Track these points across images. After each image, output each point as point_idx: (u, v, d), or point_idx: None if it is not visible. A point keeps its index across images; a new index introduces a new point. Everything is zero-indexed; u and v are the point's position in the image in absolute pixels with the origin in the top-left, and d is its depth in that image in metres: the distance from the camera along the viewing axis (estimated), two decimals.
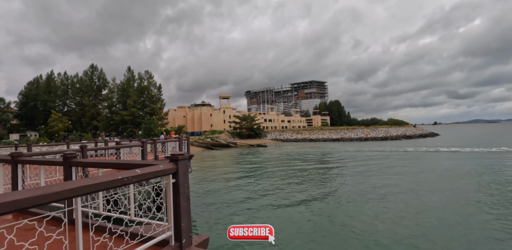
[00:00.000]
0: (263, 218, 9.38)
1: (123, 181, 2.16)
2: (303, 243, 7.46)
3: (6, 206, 1.48)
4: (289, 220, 9.18)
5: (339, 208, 10.45)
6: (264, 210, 10.33)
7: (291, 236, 7.85)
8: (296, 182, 15.63)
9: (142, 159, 9.04)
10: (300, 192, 13.08)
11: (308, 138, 70.59)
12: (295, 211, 10.14)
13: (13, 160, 4.43)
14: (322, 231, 8.24)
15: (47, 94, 66.99)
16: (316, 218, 9.41)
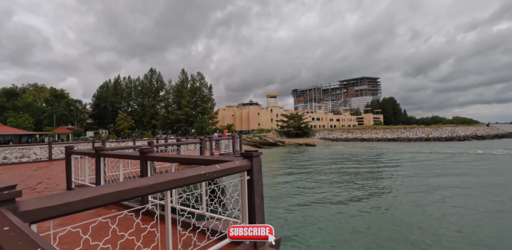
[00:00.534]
0: (317, 217, 9.03)
1: (205, 176, 2.14)
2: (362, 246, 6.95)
3: (111, 196, 1.53)
4: (344, 220, 8.68)
5: (398, 213, 9.53)
6: (318, 209, 9.95)
7: (348, 236, 7.38)
8: (349, 183, 14.80)
9: (200, 153, 9.43)
10: (354, 193, 12.33)
11: (360, 138, 66.80)
12: (349, 212, 9.56)
13: (97, 153, 4.92)
14: (379, 234, 7.58)
15: (114, 96, 75.22)
16: (371, 219, 8.71)
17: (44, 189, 6.02)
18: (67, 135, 57.48)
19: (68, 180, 5.85)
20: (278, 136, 69.51)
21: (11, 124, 53.94)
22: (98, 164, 4.91)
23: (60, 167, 10.63)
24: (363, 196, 11.89)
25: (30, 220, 1.20)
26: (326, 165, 23.18)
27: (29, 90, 76.94)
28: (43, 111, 68.31)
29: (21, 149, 13.68)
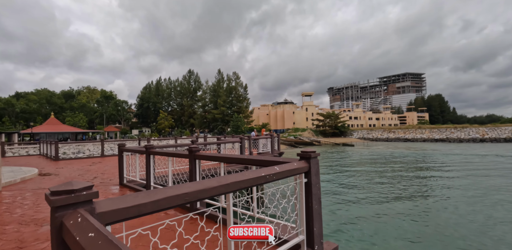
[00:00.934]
0: (361, 220, 8.51)
1: (265, 178, 2.01)
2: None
3: (178, 198, 1.46)
4: (392, 224, 8.05)
5: (451, 219, 8.59)
6: (360, 212, 9.39)
7: (396, 242, 6.81)
8: (395, 185, 13.81)
9: (240, 153, 9.46)
10: (401, 196, 11.44)
11: (403, 137, 62.56)
12: (396, 215, 8.85)
13: (147, 151, 5.10)
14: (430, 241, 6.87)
15: (156, 97, 79.74)
16: (420, 228, 7.95)
17: (99, 184, 6.44)
18: (115, 133, 62.21)
19: (120, 175, 6.18)
20: (313, 135, 67.98)
21: (69, 123, 59.91)
22: (148, 161, 5.09)
23: (111, 163, 11.42)
24: (411, 200, 10.99)
25: (105, 221, 1.15)
26: (367, 165, 22.00)
27: (83, 92, 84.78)
28: (95, 111, 74.76)
29: (77, 146, 14.99)
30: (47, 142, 15.98)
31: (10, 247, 2.87)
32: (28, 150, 19.06)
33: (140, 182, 5.88)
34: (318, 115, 75.02)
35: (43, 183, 6.78)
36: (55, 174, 8.50)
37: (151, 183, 5.08)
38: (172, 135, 66.44)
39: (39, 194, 5.44)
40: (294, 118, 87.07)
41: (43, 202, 4.77)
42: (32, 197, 5.23)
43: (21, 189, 6.09)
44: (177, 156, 4.38)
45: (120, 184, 6.19)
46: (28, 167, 10.13)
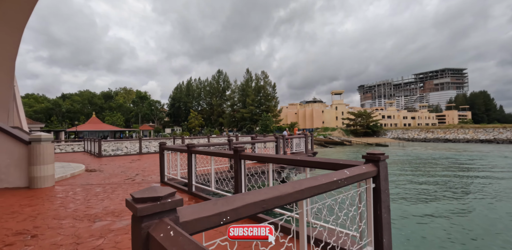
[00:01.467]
0: (409, 229, 7.91)
1: (337, 184, 1.80)
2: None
3: (256, 206, 1.29)
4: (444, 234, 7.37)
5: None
6: (406, 220, 8.75)
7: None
8: (441, 189, 12.77)
9: (276, 152, 9.27)
10: (451, 204, 10.50)
11: (443, 138, 58.31)
12: (447, 225, 8.10)
13: (189, 150, 5.09)
14: None
15: (187, 97, 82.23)
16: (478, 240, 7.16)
17: (142, 181, 6.61)
18: (149, 131, 65.17)
19: (161, 173, 6.29)
20: (344, 135, 65.85)
21: (108, 122, 63.81)
22: (190, 160, 5.08)
23: (149, 160, 11.82)
24: (466, 208, 10.06)
25: (189, 232, 1.02)
26: (405, 168, 20.70)
27: (120, 93, 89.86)
28: (131, 111, 78.92)
29: (116, 143, 15.78)
30: (90, 140, 17.03)
31: (68, 242, 2.94)
32: (73, 146, 20.49)
33: (181, 180, 5.92)
34: (349, 114, 72.58)
35: (90, 179, 7.12)
36: (100, 170, 8.94)
37: (193, 182, 5.07)
38: (202, 134, 68.10)
39: (88, 190, 5.69)
40: (323, 117, 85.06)
41: (92, 198, 4.95)
42: (82, 192, 5.47)
43: (71, 184, 6.43)
44: (220, 156, 4.29)
45: (161, 182, 6.30)
46: (75, 163, 10.80)
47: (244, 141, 8.35)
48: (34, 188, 5.93)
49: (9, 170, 6.10)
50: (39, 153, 6.01)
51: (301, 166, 2.76)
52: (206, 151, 4.60)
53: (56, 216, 3.87)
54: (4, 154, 6.07)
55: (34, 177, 5.96)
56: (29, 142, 6.04)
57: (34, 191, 5.64)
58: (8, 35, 9.98)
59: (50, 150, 6.23)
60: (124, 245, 2.83)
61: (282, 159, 3.08)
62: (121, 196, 5.03)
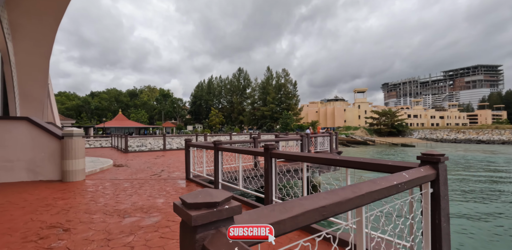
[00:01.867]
0: None
1: (397, 188, 1.57)
2: None
3: (316, 213, 1.11)
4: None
5: None
6: None
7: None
8: (480, 195, 11.89)
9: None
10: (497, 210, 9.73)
11: (475, 139, 54.83)
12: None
13: (216, 147, 4.99)
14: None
15: (208, 95, 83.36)
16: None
17: (168, 177, 6.63)
18: (171, 128, 66.81)
19: (187, 170, 6.26)
20: (367, 134, 63.84)
21: (133, 118, 66.12)
22: (216, 158, 4.98)
23: (173, 156, 11.98)
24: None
25: (247, 244, 0.86)
26: None
27: (145, 91, 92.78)
28: (154, 108, 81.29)
29: (141, 139, 16.19)
30: (117, 136, 17.61)
31: (99, 238, 2.92)
32: (101, 142, 21.34)
33: (206, 177, 5.85)
34: (373, 113, 70.16)
35: (118, 174, 7.26)
36: (127, 165, 9.14)
37: (219, 180, 4.97)
38: (223, 131, 68.78)
39: (116, 184, 5.77)
40: (345, 116, 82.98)
41: (121, 193, 5.00)
42: (111, 187, 5.55)
43: (100, 178, 6.58)
44: (250, 153, 4.14)
45: (186, 178, 6.27)
46: (104, 158, 11.15)
47: (268, 138, 8.14)
48: (66, 181, 6.12)
49: (44, 163, 6.34)
50: (71, 148, 6.18)
51: (342, 166, 2.53)
52: (233, 148, 4.47)
53: (87, 210, 3.91)
54: (39, 148, 6.30)
55: (66, 170, 6.14)
56: (62, 136, 6.23)
57: (66, 184, 5.81)
58: (43, 35, 10.43)
59: (81, 145, 6.40)
60: (154, 243, 2.76)
61: (318, 158, 2.87)
62: (148, 192, 5.03)
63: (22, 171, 6.20)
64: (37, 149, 6.30)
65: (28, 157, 6.24)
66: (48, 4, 9.07)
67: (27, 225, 3.35)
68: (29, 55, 10.91)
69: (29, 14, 9.29)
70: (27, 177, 6.24)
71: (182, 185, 5.73)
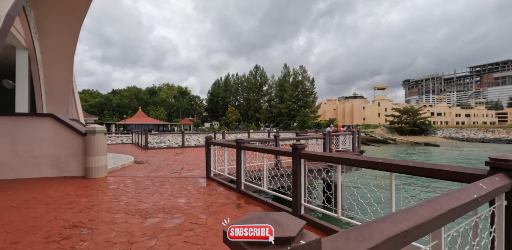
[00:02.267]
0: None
1: (477, 202, 1.28)
2: None
3: (398, 240, 0.85)
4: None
5: None
6: None
7: None
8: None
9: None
10: None
11: (505, 138, 51.64)
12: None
13: (238, 145, 4.79)
14: None
15: (224, 92, 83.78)
16: None
17: (188, 175, 6.53)
18: (189, 125, 67.81)
19: (207, 168, 6.12)
20: (387, 133, 61.89)
21: (152, 115, 67.65)
22: (239, 157, 4.79)
23: (192, 154, 11.97)
24: None
25: None
26: None
27: (163, 88, 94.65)
28: (172, 105, 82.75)
29: (160, 136, 16.36)
30: (138, 132, 17.92)
31: (122, 240, 2.79)
32: (122, 138, 21.85)
33: (227, 176, 5.68)
34: (394, 111, 67.78)
35: (139, 171, 7.26)
36: (147, 162, 9.17)
37: (242, 180, 4.77)
38: (239, 129, 68.97)
39: (137, 182, 5.72)
40: (365, 113, 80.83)
41: (142, 191, 4.92)
42: (132, 184, 5.50)
43: (122, 175, 6.58)
44: (275, 153, 3.89)
45: (207, 177, 6.14)
46: (125, 154, 11.30)
47: (288, 137, 7.84)
48: (89, 178, 6.15)
49: (68, 159, 6.41)
50: (94, 145, 6.20)
51: (387, 170, 2.24)
52: (258, 148, 4.25)
53: (110, 209, 3.83)
54: (64, 145, 6.38)
55: (89, 167, 6.18)
56: (85, 133, 6.27)
57: (89, 181, 5.83)
58: (67, 34, 10.65)
59: (103, 142, 6.41)
60: (178, 248, 2.59)
61: (357, 161, 2.57)
62: (169, 191, 4.92)
63: (47, 167, 6.30)
64: (62, 145, 6.37)
65: (53, 153, 6.33)
66: (70, 5, 9.21)
67: (50, 223, 3.29)
68: (54, 54, 11.19)
69: (53, 12, 9.48)
70: (52, 173, 6.33)
71: (203, 183, 5.60)
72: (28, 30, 9.11)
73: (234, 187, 5.00)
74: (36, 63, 10.15)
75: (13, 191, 4.93)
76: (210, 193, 4.79)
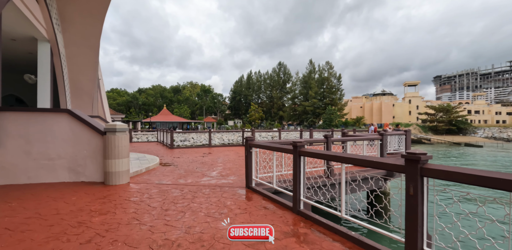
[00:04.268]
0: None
1: None
2: None
3: None
4: None
5: None
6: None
7: None
8: None
9: (381, 156, 7.24)
10: None
11: None
12: None
13: (296, 150, 3.57)
14: None
15: (247, 90, 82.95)
16: None
17: (223, 184, 5.42)
18: (212, 123, 67.73)
19: (247, 176, 4.97)
20: (421, 132, 57.90)
21: (176, 113, 68.36)
22: (297, 165, 3.56)
23: (221, 155, 10.94)
24: None
25: None
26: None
27: (187, 87, 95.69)
28: (196, 103, 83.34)
29: (184, 134, 15.62)
30: (163, 130, 17.28)
31: None
32: (148, 136, 21.47)
33: (269, 186, 4.48)
34: (428, 109, 63.38)
35: (165, 176, 6.28)
36: (174, 164, 8.23)
37: (301, 197, 3.55)
38: (262, 127, 67.85)
39: (164, 192, 4.69)
40: (394, 111, 76.53)
41: (171, 206, 3.86)
42: (158, 195, 4.47)
43: (146, 181, 5.61)
44: (373, 166, 2.60)
45: (247, 187, 4.99)
46: (150, 154, 10.49)
47: (339, 138, 6.46)
48: (109, 185, 5.23)
49: (86, 162, 5.54)
50: (114, 145, 5.26)
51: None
52: (332, 155, 2.98)
53: (128, 239, 2.76)
54: (81, 145, 5.51)
55: (108, 172, 5.25)
56: (104, 132, 5.35)
57: (108, 189, 4.89)
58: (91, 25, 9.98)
59: (125, 142, 5.46)
60: None
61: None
62: (204, 207, 3.81)
63: (63, 170, 5.47)
64: (79, 145, 5.51)
65: (69, 155, 5.48)
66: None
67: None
68: (78, 47, 10.59)
69: (76, 1, 8.77)
70: (68, 178, 5.49)
71: (243, 196, 4.45)
72: (49, 21, 8.46)
73: (288, 205, 3.79)
74: (59, 56, 9.55)
75: (18, 202, 4.06)
76: (258, 213, 3.61)
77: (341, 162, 2.83)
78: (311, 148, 4.36)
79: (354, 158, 2.66)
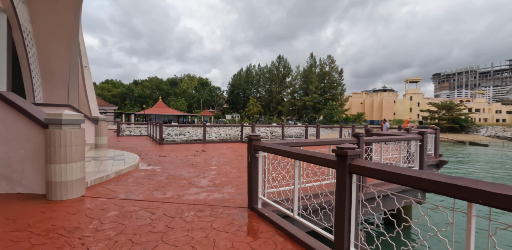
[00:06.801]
0: None
1: None
2: None
3: None
4: None
5: None
6: None
7: None
8: None
9: (420, 160, 5.72)
10: None
11: None
12: None
13: (342, 162, 1.99)
14: None
15: (246, 84, 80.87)
16: None
17: (215, 200, 3.85)
18: (209, 117, 65.96)
19: (250, 192, 3.41)
20: None
21: (172, 106, 66.49)
22: (342, 187, 2.00)
23: (216, 153, 9.38)
24: None
25: None
26: None
27: (184, 79, 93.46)
28: (193, 96, 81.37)
29: (179, 128, 14.19)
30: (153, 124, 15.65)
31: None
32: (141, 129, 19.90)
33: (286, 212, 2.94)
34: (430, 106, 61.95)
35: (138, 185, 4.70)
36: (157, 166, 6.64)
37: (351, 238, 1.99)
38: (261, 122, 66.27)
39: (124, 217, 3.12)
40: (395, 108, 75.29)
41: (127, 247, 2.29)
42: (112, 225, 2.90)
43: (108, 195, 4.03)
44: None
45: (250, 209, 3.43)
46: (131, 152, 8.89)
47: (372, 138, 4.91)
48: (51, 200, 3.65)
49: (24, 167, 3.94)
50: (60, 144, 3.66)
51: None
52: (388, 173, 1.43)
53: None
54: (16, 142, 3.91)
55: (51, 182, 3.67)
56: (46, 124, 3.74)
57: (43, 211, 3.31)
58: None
59: (78, 139, 3.85)
60: None
61: None
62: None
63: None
64: (13, 143, 3.91)
65: (0, 156, 3.89)
66: None
67: None
68: (47, 23, 8.86)
69: None
70: (0, 188, 3.91)
71: (244, 227, 2.89)
72: None
73: (323, 247, 2.24)
74: (20, 31, 7.83)
75: None
76: None
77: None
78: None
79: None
